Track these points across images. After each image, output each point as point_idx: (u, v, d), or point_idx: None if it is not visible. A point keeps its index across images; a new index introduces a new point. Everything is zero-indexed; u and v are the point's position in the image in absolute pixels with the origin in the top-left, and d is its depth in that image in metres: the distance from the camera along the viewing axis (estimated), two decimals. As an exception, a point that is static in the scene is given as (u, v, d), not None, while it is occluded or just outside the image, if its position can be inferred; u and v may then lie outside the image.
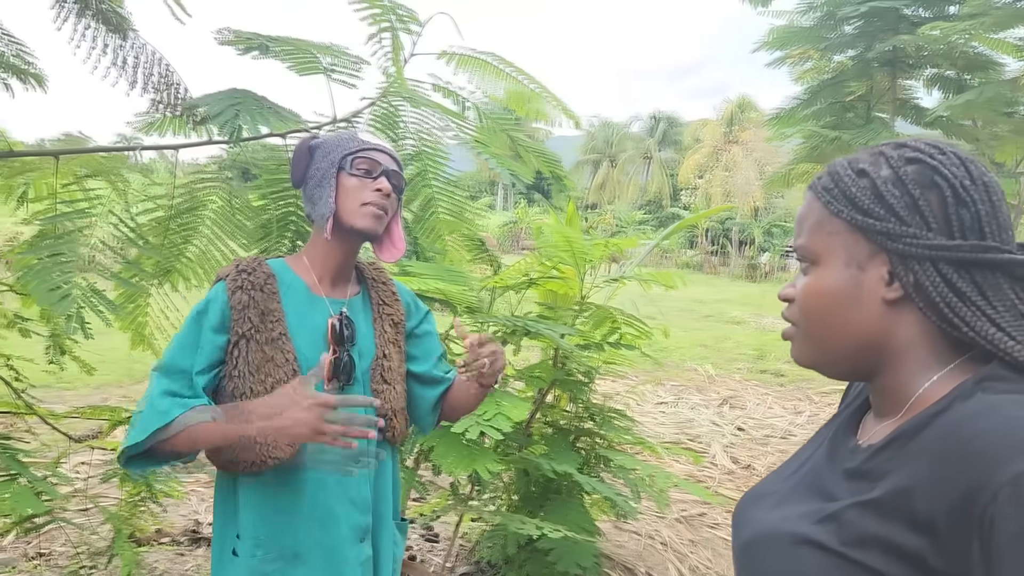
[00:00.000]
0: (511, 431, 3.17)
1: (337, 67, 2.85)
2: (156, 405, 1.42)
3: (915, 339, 0.84)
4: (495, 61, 3.24)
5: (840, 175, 0.89)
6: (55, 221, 2.38)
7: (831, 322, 0.88)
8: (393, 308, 1.70)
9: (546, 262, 3.10)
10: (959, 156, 0.83)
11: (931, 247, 0.80)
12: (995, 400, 0.76)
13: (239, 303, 1.50)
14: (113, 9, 3.04)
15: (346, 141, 1.60)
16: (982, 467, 0.69)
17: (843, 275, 0.87)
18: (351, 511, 1.55)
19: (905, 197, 0.82)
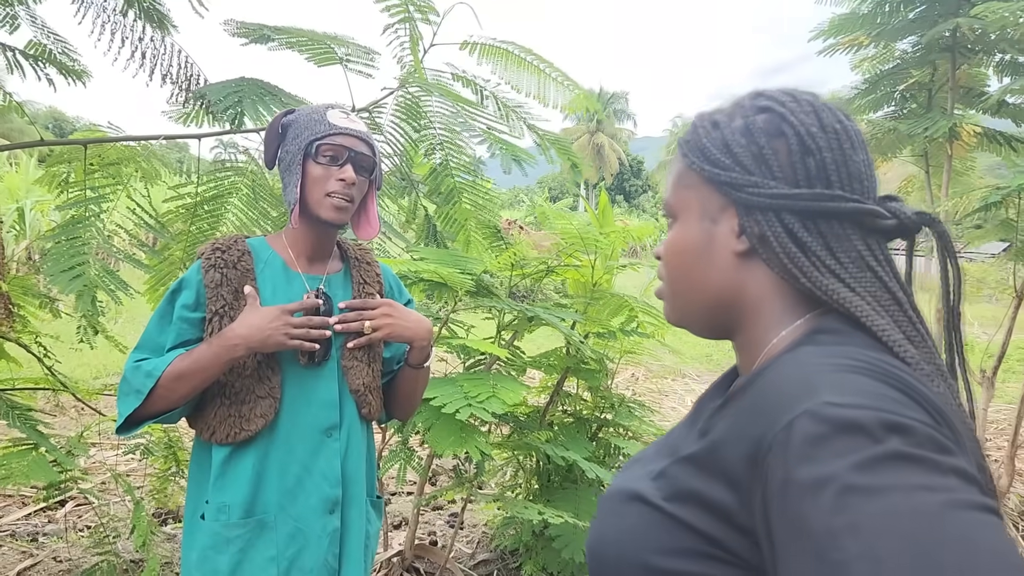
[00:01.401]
0: (525, 419, 3.20)
1: (352, 57, 2.92)
2: (138, 370, 1.51)
3: (766, 293, 0.82)
4: (517, 50, 3.26)
5: (697, 127, 0.87)
6: (76, 207, 2.52)
7: (689, 277, 0.87)
8: (374, 289, 1.73)
9: (564, 251, 3.11)
10: (813, 104, 0.80)
11: (773, 196, 0.78)
12: (809, 351, 0.73)
13: (212, 281, 1.56)
14: (154, 7, 3.20)
15: (315, 124, 1.58)
16: (768, 415, 0.67)
17: (697, 229, 0.85)
18: (320, 483, 1.59)
19: (751, 146, 0.80)
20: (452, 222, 3.26)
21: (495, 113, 3.20)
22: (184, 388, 1.50)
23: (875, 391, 0.64)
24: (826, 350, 0.72)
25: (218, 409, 1.56)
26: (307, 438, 1.59)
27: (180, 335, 1.56)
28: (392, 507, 3.94)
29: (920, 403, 0.65)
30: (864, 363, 0.68)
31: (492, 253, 3.09)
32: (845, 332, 0.75)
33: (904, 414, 0.62)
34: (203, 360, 1.49)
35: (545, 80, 3.33)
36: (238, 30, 2.48)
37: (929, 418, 0.64)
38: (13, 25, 3.11)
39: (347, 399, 1.64)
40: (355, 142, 1.59)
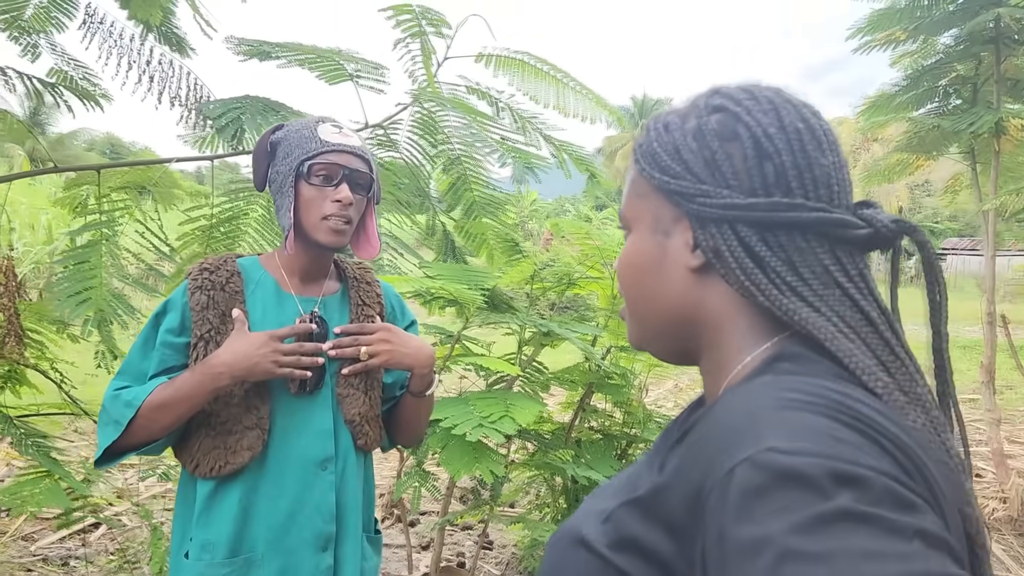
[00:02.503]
0: (550, 437, 3.11)
1: (362, 73, 2.89)
2: (117, 400, 1.44)
3: (727, 312, 0.73)
4: (533, 61, 3.19)
5: (649, 130, 0.78)
6: (87, 230, 2.52)
7: (642, 295, 0.79)
8: (375, 310, 1.64)
9: (584, 263, 3.02)
10: (773, 101, 0.71)
11: (726, 207, 0.69)
12: (764, 382, 0.64)
13: (198, 304, 1.48)
14: (172, 31, 3.21)
15: (305, 141, 1.49)
16: (710, 459, 0.59)
17: (649, 242, 0.77)
18: (313, 518, 1.50)
19: (703, 151, 0.71)
20: (472, 237, 3.20)
21: (511, 126, 3.14)
22: (166, 419, 1.43)
23: (828, 433, 0.55)
24: (782, 381, 0.63)
25: (202, 440, 1.48)
26: (299, 471, 1.50)
27: (163, 361, 1.48)
28: (419, 527, 3.89)
29: (883, 446, 0.56)
30: (820, 397, 0.59)
31: (511, 266, 3.03)
32: (807, 359, 0.66)
33: (859, 462, 0.53)
34: (185, 389, 1.41)
35: (564, 90, 3.26)
36: (239, 47, 2.46)
37: (893, 464, 0.55)
38: (35, 54, 3.16)
39: (342, 429, 1.56)
40: (350, 159, 1.50)
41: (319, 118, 1.55)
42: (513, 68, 3.21)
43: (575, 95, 3.23)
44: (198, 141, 3.13)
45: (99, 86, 3.21)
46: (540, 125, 3.12)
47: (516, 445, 3.23)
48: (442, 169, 3.18)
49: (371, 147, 3.01)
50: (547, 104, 3.23)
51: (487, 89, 3.12)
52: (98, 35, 2.59)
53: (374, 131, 3.06)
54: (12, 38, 3.10)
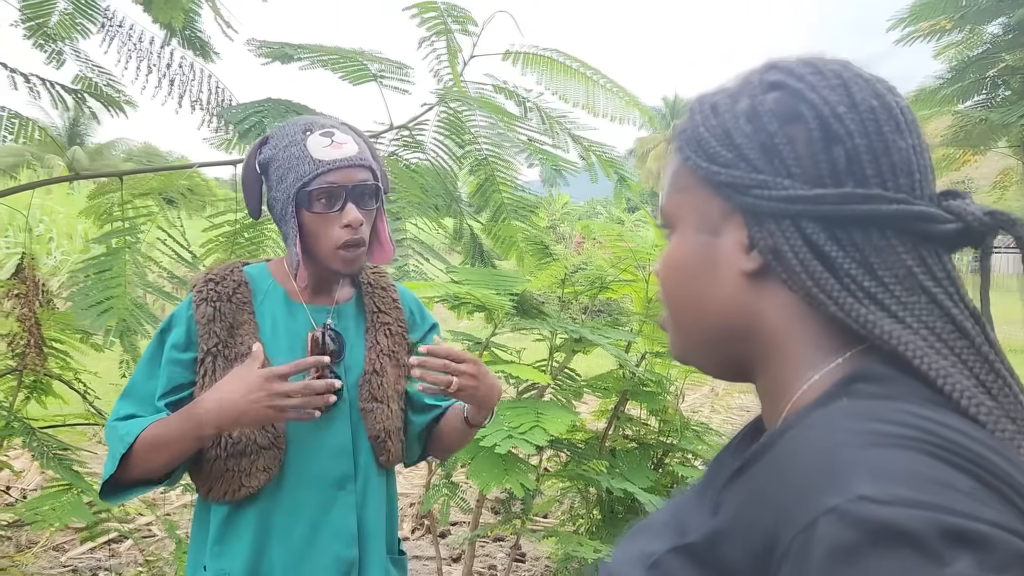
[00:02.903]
0: (583, 446, 3.01)
1: (386, 73, 2.82)
2: (118, 431, 1.35)
3: (789, 323, 0.63)
4: (562, 58, 3.10)
5: (694, 112, 0.67)
6: (108, 238, 2.48)
7: (687, 303, 0.68)
8: (392, 316, 1.52)
9: (617, 265, 2.92)
10: (842, 76, 0.60)
11: (788, 199, 0.59)
12: (841, 409, 0.54)
13: (203, 316, 1.37)
14: (196, 35, 3.17)
15: (296, 163, 1.34)
16: (783, 506, 0.50)
17: (695, 243, 0.66)
18: (332, 542, 1.40)
19: (759, 135, 0.61)
20: (501, 240, 3.11)
21: (539, 126, 3.05)
22: (160, 459, 1.32)
23: (933, 476, 0.46)
24: (864, 408, 0.53)
25: (214, 463, 1.37)
26: (317, 492, 1.39)
27: (171, 379, 1.38)
28: (450, 538, 3.80)
29: (1002, 492, 0.46)
30: (915, 429, 0.49)
31: (540, 270, 2.93)
32: (892, 379, 0.56)
33: (977, 515, 0.44)
34: (170, 434, 1.29)
35: (594, 88, 3.15)
36: (261, 49, 2.40)
37: (1017, 517, 0.45)
38: (59, 61, 3.14)
39: (362, 445, 1.44)
40: (350, 173, 1.34)
41: (305, 126, 1.38)
42: (541, 66, 3.12)
43: (605, 93, 3.13)
44: (223, 143, 3.09)
45: (123, 92, 3.19)
46: (569, 125, 3.03)
47: (548, 453, 3.13)
48: (469, 170, 3.10)
49: (396, 148, 2.94)
50: (576, 103, 3.13)
51: (514, 88, 3.03)
52: (117, 39, 2.55)
53: (399, 132, 2.99)
54: (37, 45, 3.08)
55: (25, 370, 2.41)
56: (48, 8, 3.05)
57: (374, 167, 1.41)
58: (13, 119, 2.58)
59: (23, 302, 2.42)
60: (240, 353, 1.38)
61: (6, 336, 2.49)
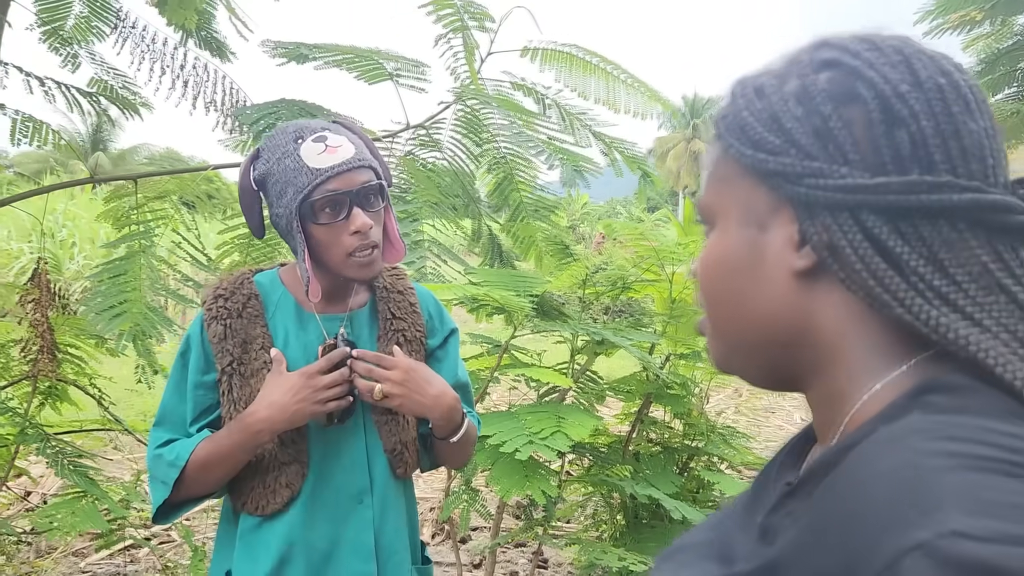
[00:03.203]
0: (606, 451, 2.94)
1: (402, 71, 2.76)
2: (161, 459, 1.34)
3: (847, 327, 0.56)
4: (581, 53, 3.04)
5: (736, 96, 0.61)
6: (123, 242, 2.45)
7: (729, 305, 0.62)
8: (408, 322, 1.46)
9: (640, 265, 2.85)
10: (902, 51, 0.54)
11: (844, 188, 0.53)
12: (914, 426, 0.47)
13: (215, 335, 1.34)
14: (212, 36, 3.14)
15: (294, 175, 1.27)
16: (856, 540, 0.44)
17: (739, 239, 0.60)
18: (350, 559, 1.37)
19: (812, 118, 0.54)
20: (520, 240, 3.06)
21: (559, 123, 2.99)
22: (215, 476, 1.33)
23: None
24: (945, 424, 0.46)
25: (241, 482, 1.36)
26: (335, 506, 1.37)
27: (198, 403, 1.36)
28: (471, 544, 3.74)
29: None
30: (1007, 450, 0.43)
31: (561, 270, 2.87)
32: (970, 390, 0.49)
33: None
34: (223, 450, 1.30)
35: (614, 84, 3.09)
36: (275, 50, 2.35)
37: None
38: (75, 64, 3.12)
39: (377, 458, 1.40)
40: (351, 178, 1.28)
41: (295, 134, 1.31)
42: (560, 62, 3.05)
43: (626, 88, 3.06)
44: (238, 145, 3.05)
45: (139, 95, 3.16)
46: (589, 122, 2.96)
47: (570, 458, 3.07)
48: (487, 169, 3.04)
49: (413, 148, 2.90)
50: (596, 99, 3.07)
51: (533, 85, 2.97)
52: (130, 40, 2.52)
53: (416, 131, 2.94)
54: (52, 49, 3.06)
55: (39, 376, 2.38)
56: (64, 11, 3.03)
57: (374, 165, 1.34)
58: (27, 122, 2.55)
59: (36, 307, 2.39)
60: (256, 369, 1.35)
61: (19, 341, 2.47)
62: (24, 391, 2.55)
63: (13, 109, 2.56)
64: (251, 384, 1.34)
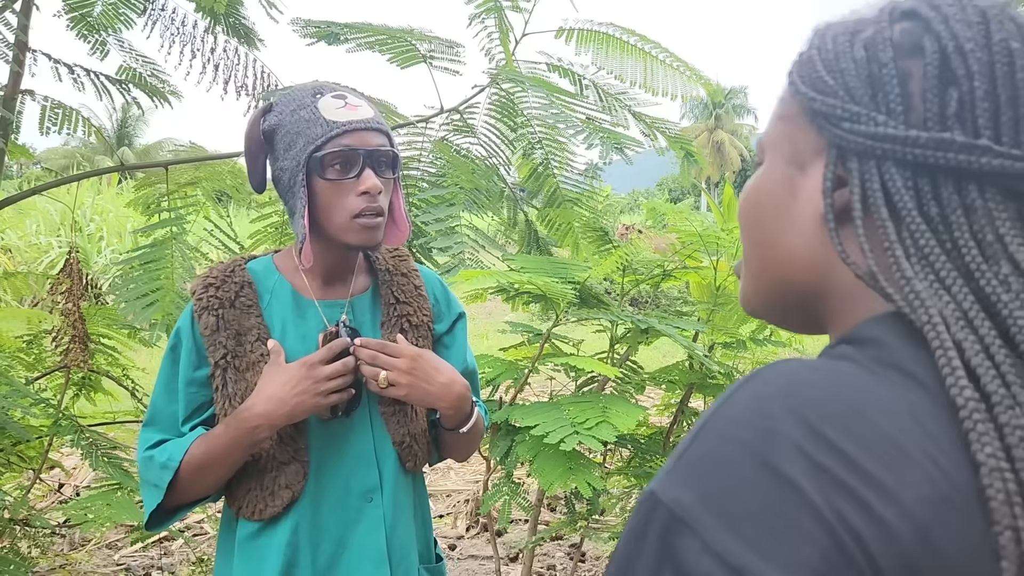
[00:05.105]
0: (646, 442, 2.87)
1: (436, 53, 2.69)
2: (152, 462, 1.25)
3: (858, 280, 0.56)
4: (619, 33, 2.95)
5: (815, 36, 0.60)
6: (155, 228, 2.40)
7: (760, 240, 0.63)
8: (414, 306, 1.38)
9: (682, 252, 2.76)
10: (986, 12, 0.52)
11: (874, 136, 0.52)
12: (760, 374, 0.49)
13: (207, 327, 1.25)
14: (240, 22, 3.09)
15: (308, 126, 1.20)
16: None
17: (780, 175, 0.60)
18: (361, 562, 1.29)
19: (869, 65, 0.54)
20: (556, 227, 2.98)
21: (596, 104, 2.90)
22: (211, 477, 1.24)
23: (736, 472, 0.44)
24: (802, 375, 0.48)
25: (240, 480, 1.28)
26: (341, 506, 1.28)
27: (190, 401, 1.27)
28: (506, 536, 3.68)
29: (849, 489, 0.42)
30: (791, 415, 0.45)
31: (600, 258, 2.79)
32: (882, 345, 0.50)
33: (719, 545, 0.42)
34: (219, 449, 1.21)
35: (653, 64, 2.99)
36: (306, 29, 2.29)
37: (857, 520, 0.41)
38: (103, 51, 3.07)
39: (386, 452, 1.32)
40: (366, 137, 1.22)
41: (315, 88, 1.26)
42: (597, 42, 2.97)
43: (665, 69, 2.97)
44: (268, 133, 3.00)
45: (168, 82, 3.12)
46: (629, 102, 2.87)
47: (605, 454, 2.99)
48: (522, 154, 2.97)
49: (447, 133, 2.83)
50: (634, 82, 2.98)
51: (569, 65, 2.89)
52: (159, 23, 2.47)
53: (449, 116, 2.87)
54: (80, 36, 3.01)
55: (72, 366, 2.34)
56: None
57: (391, 135, 1.28)
58: (56, 109, 2.51)
59: (68, 297, 2.34)
60: (252, 362, 1.27)
61: (50, 332, 2.43)
62: (57, 382, 2.51)
63: (42, 96, 2.51)
64: (247, 378, 1.26)
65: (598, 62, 2.95)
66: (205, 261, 2.42)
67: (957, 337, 0.47)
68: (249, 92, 2.50)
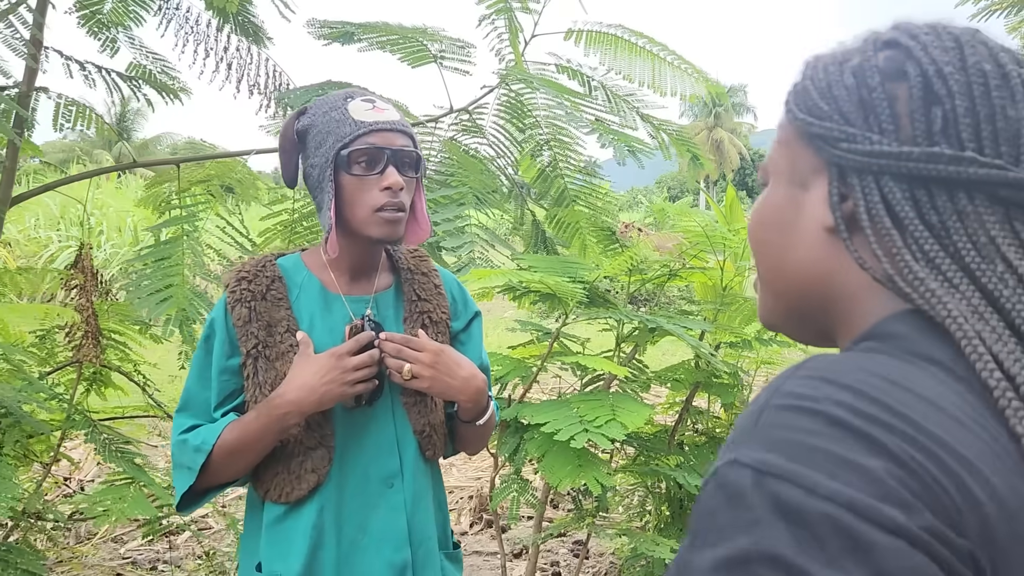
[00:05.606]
0: (650, 440, 2.90)
1: (446, 53, 2.72)
2: (186, 445, 1.31)
3: (864, 284, 0.61)
4: (627, 35, 2.97)
5: (807, 67, 0.67)
6: (168, 226, 2.42)
7: (770, 258, 0.68)
8: (433, 304, 1.46)
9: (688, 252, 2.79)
10: (959, 39, 0.59)
11: (870, 154, 0.58)
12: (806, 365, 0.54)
13: (239, 318, 1.33)
14: (248, 20, 3.10)
15: (337, 125, 1.30)
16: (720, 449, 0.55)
17: (784, 195, 0.66)
18: (382, 546, 1.34)
19: (860, 89, 0.60)
20: (564, 227, 3.00)
21: (605, 105, 2.92)
22: (242, 462, 1.31)
23: (817, 447, 0.47)
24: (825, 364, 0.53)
25: (268, 464, 1.34)
26: (363, 491, 1.34)
27: (222, 388, 1.34)
28: (512, 533, 3.71)
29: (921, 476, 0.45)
30: (851, 392, 0.50)
31: (608, 257, 2.81)
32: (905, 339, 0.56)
33: (831, 495, 0.45)
34: (251, 434, 1.28)
35: (661, 66, 3.02)
36: (321, 30, 2.31)
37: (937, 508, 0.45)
38: (113, 49, 3.09)
39: (407, 441, 1.38)
40: (391, 137, 1.31)
41: (346, 93, 1.35)
42: (605, 44, 2.99)
43: (673, 70, 3.00)
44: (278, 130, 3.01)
45: (177, 80, 3.14)
46: (637, 103, 2.89)
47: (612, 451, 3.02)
48: (530, 154, 2.99)
49: (456, 133, 2.85)
50: (642, 82, 3.00)
51: (578, 67, 2.91)
52: (174, 22, 2.49)
53: (459, 116, 2.89)
54: (91, 33, 3.03)
55: (84, 361, 2.36)
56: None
57: (415, 138, 1.36)
58: (70, 106, 2.53)
59: (80, 292, 2.37)
60: (281, 352, 1.33)
61: (63, 327, 2.45)
62: (69, 377, 2.54)
63: (56, 93, 2.53)
64: (276, 367, 1.33)
65: (607, 63, 2.98)
66: (218, 258, 2.45)
67: (976, 328, 0.53)
68: (261, 91, 2.52)
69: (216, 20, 2.99)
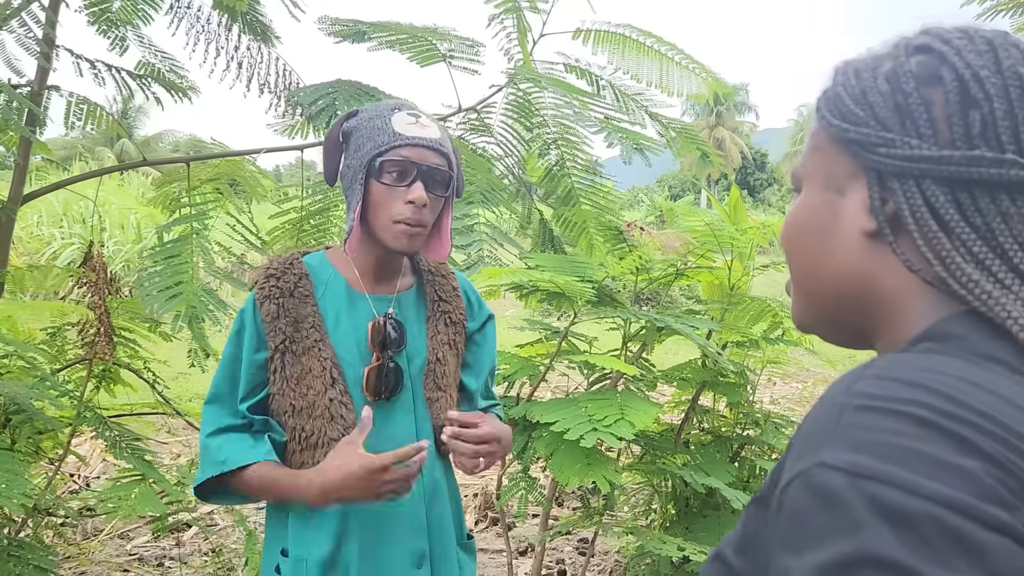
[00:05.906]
0: (657, 439, 2.91)
1: (455, 53, 2.72)
2: (211, 449, 1.38)
3: (905, 287, 0.62)
4: (635, 34, 2.98)
5: (838, 73, 0.67)
6: (177, 224, 2.43)
7: (807, 264, 0.69)
8: (452, 305, 1.51)
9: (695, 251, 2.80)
10: (992, 42, 0.59)
11: (910, 159, 0.59)
12: (875, 365, 0.55)
13: (268, 314, 1.38)
14: (257, 19, 3.11)
15: (377, 133, 1.34)
16: (786, 459, 0.55)
17: (819, 200, 0.67)
18: (404, 534, 1.40)
19: (895, 95, 0.60)
20: (571, 226, 3.01)
21: (613, 104, 2.93)
22: (255, 495, 1.42)
23: (907, 447, 0.47)
24: (897, 364, 0.54)
25: (292, 455, 1.40)
26: None
27: (250, 382, 1.39)
28: (517, 531, 3.72)
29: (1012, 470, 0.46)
30: (929, 392, 0.50)
31: (615, 257, 2.82)
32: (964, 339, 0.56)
33: (929, 493, 0.44)
34: (274, 488, 1.35)
35: (668, 65, 3.03)
36: (332, 28, 2.32)
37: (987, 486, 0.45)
38: (122, 47, 3.09)
39: (426, 433, 1.43)
40: (425, 154, 1.34)
41: (395, 104, 1.40)
42: (613, 43, 3.00)
43: (681, 70, 3.01)
44: (287, 130, 3.02)
45: (186, 78, 3.14)
46: (646, 102, 2.90)
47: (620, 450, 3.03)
48: (538, 154, 3.00)
49: (464, 132, 2.86)
50: (650, 82, 3.01)
51: (586, 66, 2.92)
52: (185, 20, 2.49)
53: (467, 115, 2.90)
54: (100, 31, 3.04)
55: (95, 359, 2.38)
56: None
57: (452, 159, 1.39)
58: (82, 104, 2.54)
59: (93, 290, 2.38)
60: (307, 347, 1.38)
61: (76, 325, 2.46)
62: (79, 374, 2.55)
63: (68, 91, 2.54)
64: (302, 362, 1.37)
65: (615, 63, 2.99)
66: (229, 256, 2.46)
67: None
68: (271, 89, 2.53)
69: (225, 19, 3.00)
